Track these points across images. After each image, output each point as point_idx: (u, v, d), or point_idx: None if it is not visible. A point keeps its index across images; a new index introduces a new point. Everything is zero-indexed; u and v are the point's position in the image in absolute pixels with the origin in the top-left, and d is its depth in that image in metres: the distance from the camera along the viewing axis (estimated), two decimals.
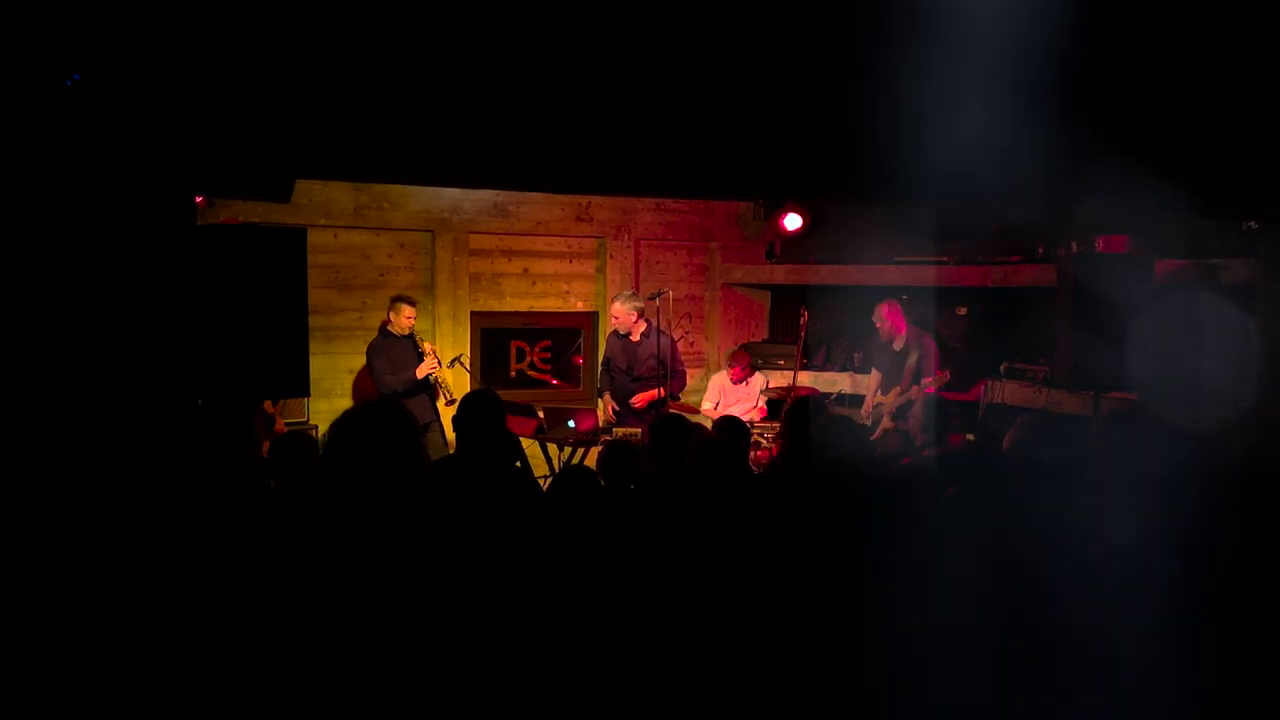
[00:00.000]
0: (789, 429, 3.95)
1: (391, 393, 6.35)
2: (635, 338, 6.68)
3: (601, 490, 3.71)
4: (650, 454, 3.95)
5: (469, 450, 3.57)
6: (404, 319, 6.55)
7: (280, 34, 3.61)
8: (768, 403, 7.31)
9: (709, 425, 5.56)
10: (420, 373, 6.50)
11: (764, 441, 6.44)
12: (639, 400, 6.53)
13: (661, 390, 6.48)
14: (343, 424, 2.60)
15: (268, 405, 5.95)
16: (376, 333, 6.67)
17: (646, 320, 6.67)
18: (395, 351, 6.54)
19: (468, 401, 3.67)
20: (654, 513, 3.15)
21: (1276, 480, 3.87)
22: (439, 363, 6.61)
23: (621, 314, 6.62)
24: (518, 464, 5.00)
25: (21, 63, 3.14)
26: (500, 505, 3.28)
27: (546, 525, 2.85)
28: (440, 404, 6.66)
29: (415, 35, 3.79)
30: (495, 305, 7.92)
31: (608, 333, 7.24)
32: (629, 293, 6.86)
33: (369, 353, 6.58)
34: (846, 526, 3.08)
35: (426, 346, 6.62)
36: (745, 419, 6.82)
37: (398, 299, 6.65)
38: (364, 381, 7.06)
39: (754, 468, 5.54)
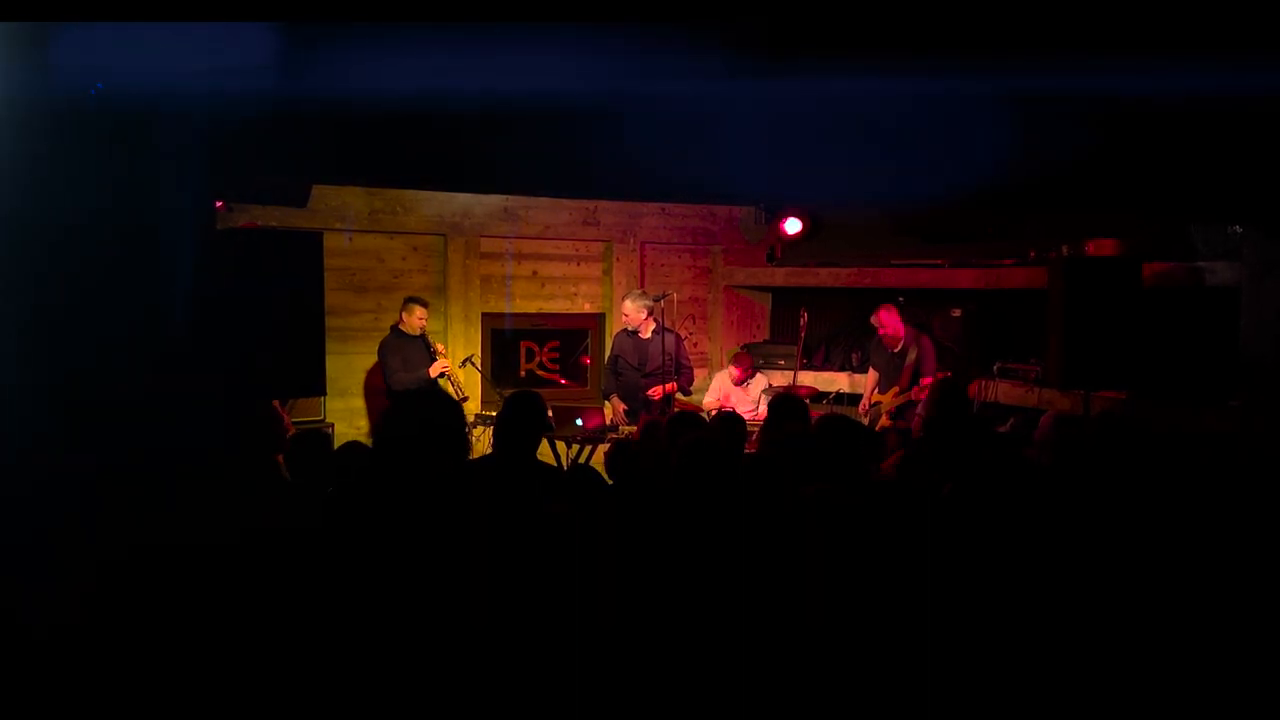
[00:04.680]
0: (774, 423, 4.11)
1: (403, 389, 6.57)
2: (645, 335, 6.91)
3: (608, 489, 3.85)
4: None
5: (510, 448, 3.71)
6: (416, 319, 6.77)
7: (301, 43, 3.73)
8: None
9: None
10: (433, 372, 6.71)
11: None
12: (655, 392, 6.75)
13: (672, 385, 6.73)
14: (400, 408, 2.72)
15: (275, 405, 6.11)
16: (389, 332, 6.87)
17: (655, 319, 6.90)
18: (408, 350, 6.76)
19: (515, 401, 3.83)
20: (651, 510, 3.23)
21: (1266, 478, 4.01)
22: (455, 364, 6.82)
23: (632, 312, 6.86)
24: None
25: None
26: (535, 501, 3.36)
27: (556, 520, 2.99)
28: None
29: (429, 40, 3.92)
30: (505, 306, 8.12)
31: (615, 332, 7.46)
32: (638, 292, 7.12)
33: (382, 350, 6.78)
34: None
35: (439, 347, 6.84)
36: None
37: (411, 300, 6.87)
38: (374, 379, 7.25)
39: None
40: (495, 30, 3.09)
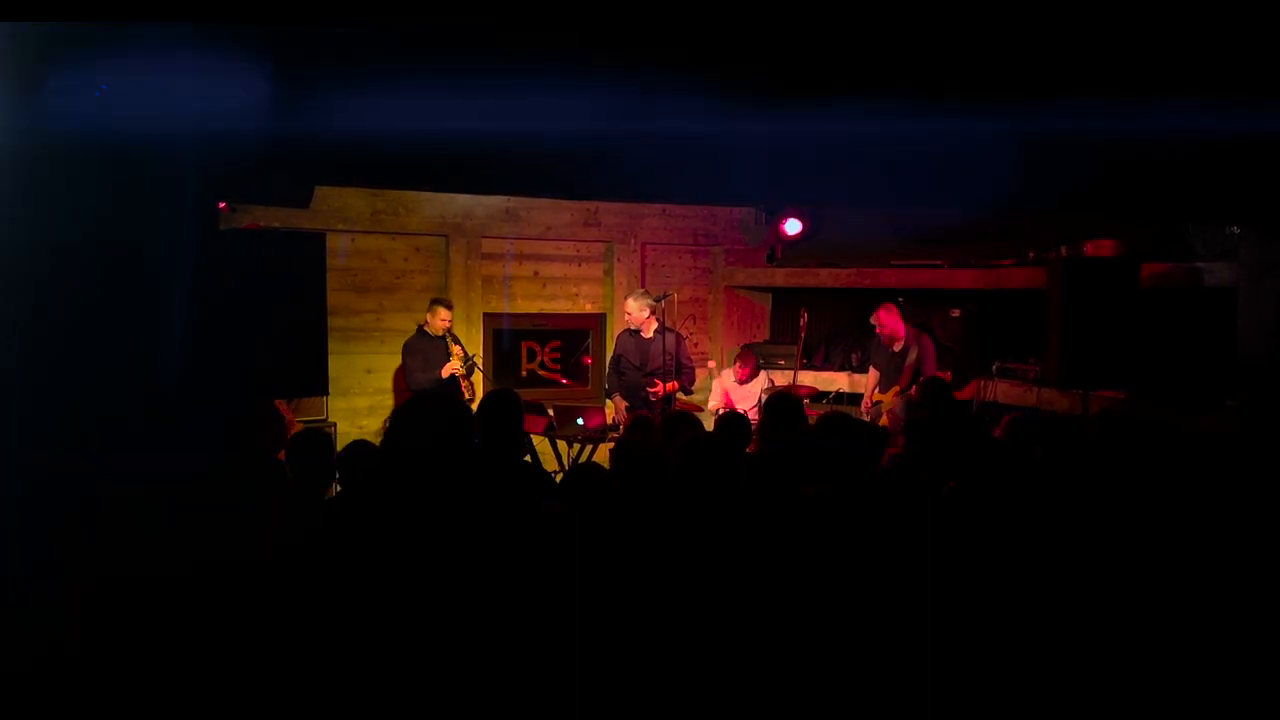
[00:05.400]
0: (770, 423, 4.14)
1: (419, 389, 6.64)
2: (647, 334, 6.96)
3: (608, 483, 3.87)
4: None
5: (490, 445, 3.77)
6: (439, 321, 6.85)
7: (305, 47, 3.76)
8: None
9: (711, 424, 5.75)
10: (444, 372, 6.79)
11: None
12: (657, 390, 6.79)
13: (673, 384, 6.79)
14: (408, 409, 2.74)
15: (280, 405, 6.15)
16: (414, 332, 6.95)
17: (657, 319, 6.94)
18: (430, 351, 6.85)
19: (489, 401, 3.87)
20: (650, 509, 3.19)
21: (1263, 478, 4.04)
22: (462, 364, 6.88)
23: (634, 311, 6.92)
24: (527, 458, 5.17)
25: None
26: (517, 495, 3.40)
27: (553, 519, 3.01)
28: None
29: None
30: (506, 307, 8.16)
31: (618, 332, 7.50)
32: (641, 291, 7.17)
33: (405, 350, 6.89)
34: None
35: (454, 349, 6.89)
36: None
37: (435, 301, 6.96)
38: (401, 379, 7.32)
39: None
40: (496, 71, 3.13)
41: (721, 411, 7.06)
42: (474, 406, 7.08)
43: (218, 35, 2.91)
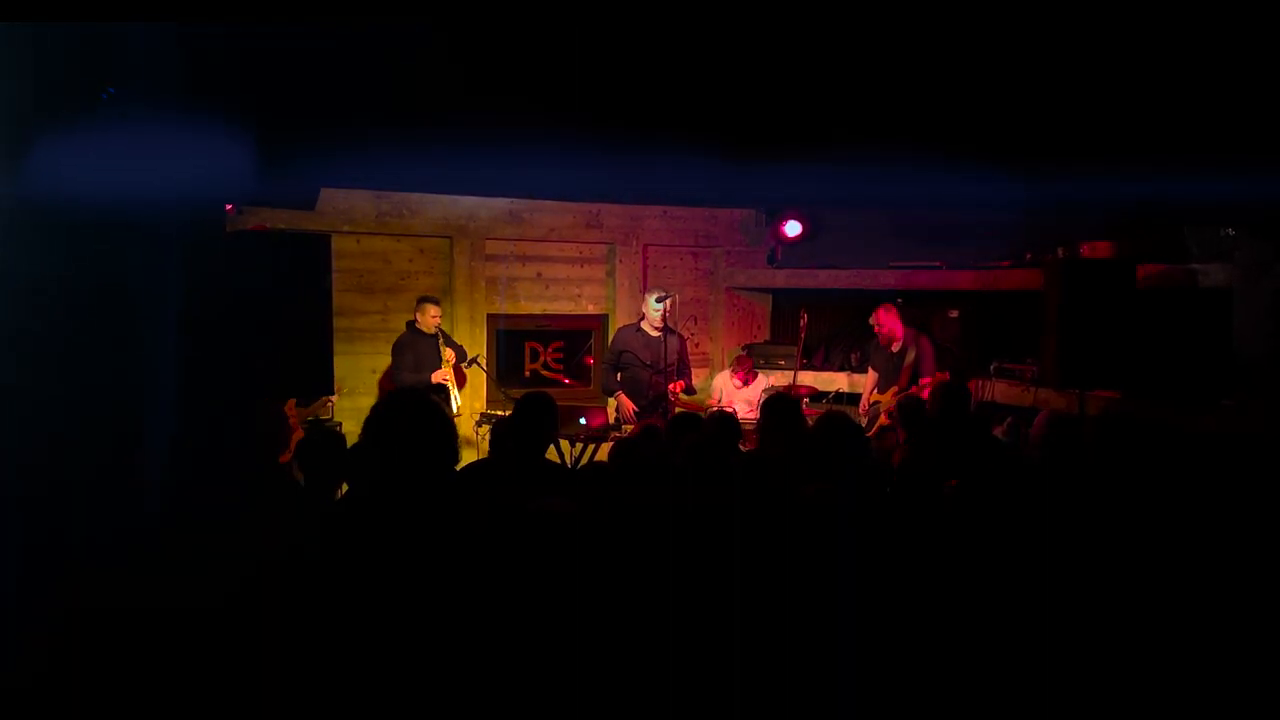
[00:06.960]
0: (768, 423, 4.19)
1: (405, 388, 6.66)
2: (656, 334, 6.99)
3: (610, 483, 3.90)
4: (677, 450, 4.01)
5: (520, 450, 3.82)
6: (429, 318, 6.89)
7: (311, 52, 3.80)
8: None
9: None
10: (435, 378, 6.82)
11: None
12: (675, 386, 6.85)
13: (680, 383, 6.90)
14: (381, 412, 2.76)
15: (289, 406, 6.20)
16: (405, 330, 6.98)
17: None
18: (421, 349, 6.87)
19: (526, 404, 3.92)
20: (653, 510, 3.19)
21: (1260, 477, 4.07)
22: (453, 372, 6.92)
23: (667, 309, 6.90)
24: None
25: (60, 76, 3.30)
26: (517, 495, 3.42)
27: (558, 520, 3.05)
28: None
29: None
30: (510, 308, 8.21)
31: (617, 329, 7.54)
32: (658, 288, 7.18)
33: (395, 348, 6.89)
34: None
35: (446, 352, 6.93)
36: (748, 419, 7.08)
37: (423, 299, 6.99)
38: (386, 382, 7.37)
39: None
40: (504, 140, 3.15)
41: (712, 410, 7.11)
42: (470, 405, 7.20)
43: (200, 106, 2.95)
